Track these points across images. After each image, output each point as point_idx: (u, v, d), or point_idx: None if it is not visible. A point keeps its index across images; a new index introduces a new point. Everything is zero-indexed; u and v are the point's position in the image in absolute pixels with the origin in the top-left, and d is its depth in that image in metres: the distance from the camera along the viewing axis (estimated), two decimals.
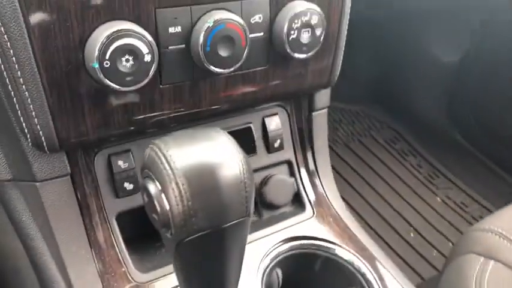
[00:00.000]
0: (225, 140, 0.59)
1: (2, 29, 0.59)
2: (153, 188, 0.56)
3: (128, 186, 0.81)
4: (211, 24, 0.69)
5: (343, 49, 0.90)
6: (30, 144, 0.69)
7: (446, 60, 2.16)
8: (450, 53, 2.13)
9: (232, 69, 0.74)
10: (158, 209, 0.56)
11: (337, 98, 2.55)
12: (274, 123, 0.95)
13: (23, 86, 0.62)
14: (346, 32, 0.89)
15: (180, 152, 0.55)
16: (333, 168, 2.36)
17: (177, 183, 0.53)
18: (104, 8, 0.63)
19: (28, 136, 0.68)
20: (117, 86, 0.64)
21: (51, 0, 0.59)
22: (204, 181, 0.54)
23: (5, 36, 0.59)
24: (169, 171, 0.53)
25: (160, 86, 0.72)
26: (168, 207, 0.55)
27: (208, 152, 0.56)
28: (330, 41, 0.86)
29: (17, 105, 0.65)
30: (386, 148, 2.39)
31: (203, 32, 0.69)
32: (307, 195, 0.98)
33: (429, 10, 1.99)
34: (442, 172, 2.27)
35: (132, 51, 0.63)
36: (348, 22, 0.88)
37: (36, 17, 0.59)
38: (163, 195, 0.55)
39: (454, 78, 2.15)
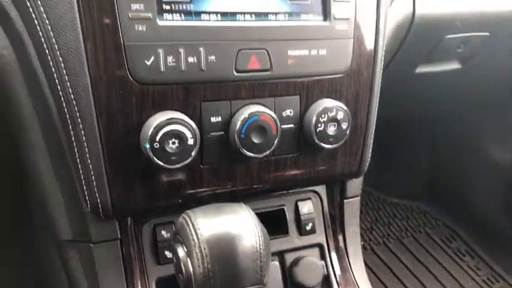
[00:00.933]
0: (246, 214, 0.69)
1: (78, 114, 0.75)
2: (181, 251, 0.66)
3: (169, 254, 0.91)
4: (246, 116, 0.81)
5: (372, 142, 0.99)
6: (89, 210, 0.82)
7: (503, 158, 2.15)
8: (506, 151, 2.12)
9: (264, 154, 0.85)
10: (183, 269, 0.65)
11: (391, 193, 2.57)
12: (306, 207, 1.03)
13: (89, 161, 0.77)
14: (374, 126, 0.98)
15: (206, 222, 0.66)
16: (385, 264, 2.32)
17: (200, 248, 0.63)
18: (159, 101, 0.78)
19: (88, 203, 0.81)
20: (163, 164, 0.76)
21: (118, 92, 0.75)
22: (223, 248, 0.64)
23: (79, 119, 0.75)
24: (195, 238, 0.64)
25: (201, 166, 0.84)
26: (191, 269, 0.64)
27: (230, 224, 0.66)
28: (358, 133, 0.96)
29: (82, 177, 0.79)
30: (442, 247, 2.32)
31: (239, 122, 0.81)
32: (337, 280, 1.02)
33: (486, 105, 2.03)
34: (502, 277, 2.16)
35: (178, 135, 0.76)
36: (375, 117, 0.97)
37: (104, 104, 0.75)
38: (188, 258, 0.64)
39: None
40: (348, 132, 0.91)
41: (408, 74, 1.43)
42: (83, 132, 0.75)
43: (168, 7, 0.77)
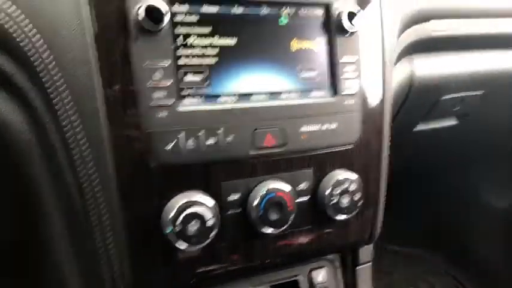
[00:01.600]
0: None
1: (101, 200, 0.76)
2: None
3: None
4: (264, 193, 0.84)
5: (383, 208, 1.01)
6: None
7: (501, 204, 2.18)
8: (504, 198, 2.16)
9: (281, 229, 0.86)
10: None
11: (392, 241, 2.57)
12: (321, 275, 1.03)
13: (112, 244, 0.77)
14: (385, 193, 1.01)
15: None
16: None
17: None
18: (180, 183, 0.80)
19: (111, 283, 0.81)
20: (185, 247, 0.77)
21: (140, 178, 0.77)
22: None
23: (103, 206, 0.76)
24: None
25: (219, 244, 0.85)
26: None
27: None
28: (370, 202, 0.98)
29: (103, 261, 0.79)
30: None
31: (257, 199, 0.83)
32: None
33: (482, 156, 2.08)
34: None
35: (199, 217, 0.78)
36: (386, 184, 1.00)
37: (127, 191, 0.77)
38: None
39: None
40: (360, 203, 0.93)
41: (406, 133, 1.48)
42: (105, 218, 0.76)
43: (187, 92, 0.80)
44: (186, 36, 0.80)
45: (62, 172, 0.79)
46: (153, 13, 0.74)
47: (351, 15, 0.90)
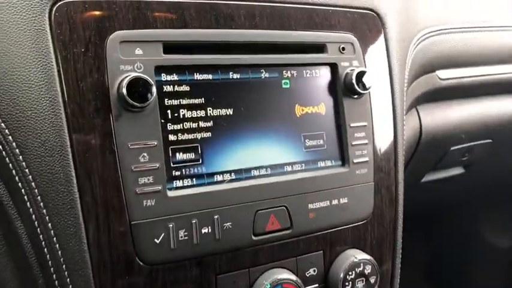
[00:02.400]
0: None
1: None
2: None
3: None
4: (268, 286, 0.72)
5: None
6: None
7: (506, 247, 2.10)
8: (505, 237, 2.08)
9: None
10: None
11: None
12: None
13: None
14: (399, 271, 0.90)
15: None
16: None
17: None
18: (170, 282, 0.68)
19: None
20: None
21: (124, 278, 0.65)
22: None
23: None
24: None
25: None
26: None
27: None
28: (384, 281, 0.87)
29: None
30: None
31: None
32: None
33: (485, 199, 2.00)
34: None
35: None
36: (400, 261, 0.89)
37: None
38: None
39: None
40: (376, 286, 0.82)
41: (414, 185, 1.38)
42: None
43: (178, 173, 0.69)
44: (176, 108, 0.69)
45: (31, 272, 0.67)
46: (140, 86, 0.63)
47: (361, 75, 0.80)
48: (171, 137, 0.69)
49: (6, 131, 0.62)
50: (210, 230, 0.69)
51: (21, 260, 0.68)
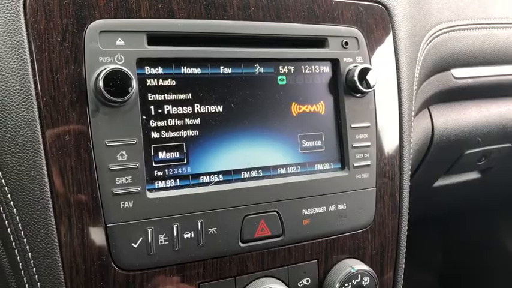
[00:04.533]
0: None
1: None
2: None
3: None
4: None
5: None
6: None
7: None
8: None
9: None
10: None
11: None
12: None
13: None
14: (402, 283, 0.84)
15: None
16: None
17: None
18: None
19: None
20: None
21: (98, 284, 0.61)
22: None
23: None
24: None
25: None
26: None
27: None
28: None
29: None
30: None
31: None
32: None
33: (502, 204, 1.91)
34: None
35: None
36: (403, 274, 0.83)
37: None
38: None
39: None
40: None
41: (426, 189, 1.31)
42: None
43: (160, 173, 0.64)
44: (160, 104, 0.65)
45: (3, 274, 0.63)
46: (118, 80, 0.59)
47: (364, 72, 0.74)
48: (154, 135, 0.64)
49: None
50: (193, 235, 0.65)
51: None
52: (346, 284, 0.73)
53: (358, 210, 0.76)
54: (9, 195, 0.58)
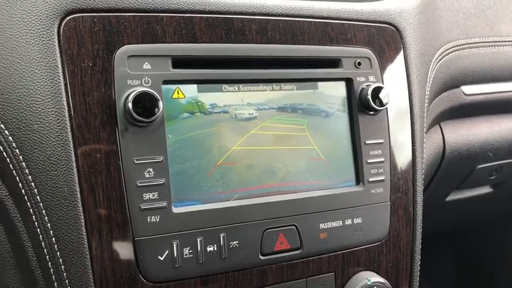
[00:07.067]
0: None
1: None
2: None
3: None
4: None
5: None
6: None
7: None
8: None
9: None
10: None
11: None
12: None
13: None
14: None
15: None
16: None
17: None
18: None
19: None
20: None
21: None
22: None
23: None
24: None
25: None
26: None
27: None
28: None
29: None
30: None
31: None
32: None
33: None
34: None
35: None
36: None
37: None
38: None
39: None
40: None
41: (438, 203, 1.33)
42: None
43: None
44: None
45: (36, 286, 0.67)
46: (146, 101, 0.62)
47: (377, 91, 0.77)
48: (178, 153, 0.67)
49: (14, 144, 0.62)
50: (215, 249, 0.68)
51: (28, 273, 0.68)
52: None
53: (373, 224, 0.79)
54: (44, 210, 0.62)
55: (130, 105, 0.62)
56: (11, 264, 0.70)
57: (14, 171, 0.62)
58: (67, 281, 0.62)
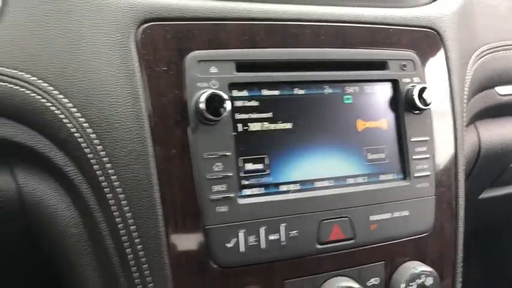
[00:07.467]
0: None
1: None
2: None
3: None
4: None
5: None
6: None
7: None
8: None
9: None
10: None
11: None
12: None
13: None
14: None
15: None
16: None
17: None
18: (240, 285, 0.72)
19: None
20: None
21: (199, 279, 0.70)
22: None
23: None
24: None
25: None
26: None
27: None
28: None
29: None
30: None
31: None
32: None
33: None
34: None
35: None
36: (461, 277, 0.90)
37: None
38: None
39: None
40: None
41: (471, 201, 1.36)
42: None
43: (247, 182, 0.73)
44: (245, 122, 0.74)
45: (113, 271, 0.73)
46: (215, 102, 0.68)
47: (422, 91, 0.82)
48: (242, 149, 0.73)
49: (96, 141, 0.68)
50: (277, 237, 0.73)
51: (104, 259, 0.74)
52: (411, 284, 0.80)
53: (419, 217, 0.84)
54: (124, 201, 0.68)
55: (203, 105, 0.68)
56: (88, 252, 0.77)
57: (95, 166, 0.69)
58: (146, 265, 0.69)
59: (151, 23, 0.70)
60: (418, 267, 0.82)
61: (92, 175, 0.70)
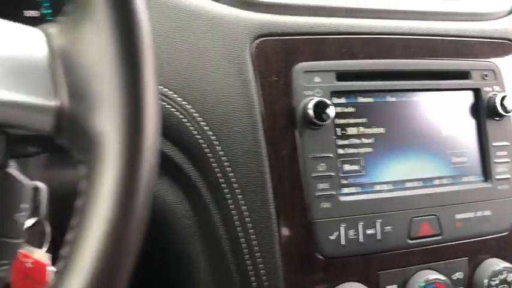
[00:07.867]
0: None
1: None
2: None
3: None
4: (423, 284, 0.81)
5: None
6: None
7: None
8: None
9: None
10: None
11: None
12: None
13: None
14: None
15: None
16: None
17: None
18: (341, 275, 0.79)
19: None
20: None
21: (306, 269, 0.78)
22: None
23: None
24: None
25: None
26: None
27: None
28: None
29: None
30: None
31: None
32: None
33: None
34: None
35: None
36: None
37: (292, 283, 0.77)
38: None
39: None
40: None
41: None
42: None
43: (346, 181, 0.81)
44: (343, 127, 0.82)
45: (225, 260, 0.81)
46: (321, 108, 0.76)
47: (503, 99, 0.88)
48: (340, 151, 0.81)
49: (216, 142, 0.77)
50: (373, 232, 0.80)
51: (215, 248, 0.83)
52: (494, 279, 0.86)
53: (500, 216, 0.89)
54: (240, 195, 0.77)
55: (311, 111, 0.76)
56: (198, 242, 0.85)
57: (213, 164, 0.78)
58: (259, 253, 0.77)
59: (264, 38, 0.79)
60: (500, 263, 0.87)
61: (211, 173, 0.78)
